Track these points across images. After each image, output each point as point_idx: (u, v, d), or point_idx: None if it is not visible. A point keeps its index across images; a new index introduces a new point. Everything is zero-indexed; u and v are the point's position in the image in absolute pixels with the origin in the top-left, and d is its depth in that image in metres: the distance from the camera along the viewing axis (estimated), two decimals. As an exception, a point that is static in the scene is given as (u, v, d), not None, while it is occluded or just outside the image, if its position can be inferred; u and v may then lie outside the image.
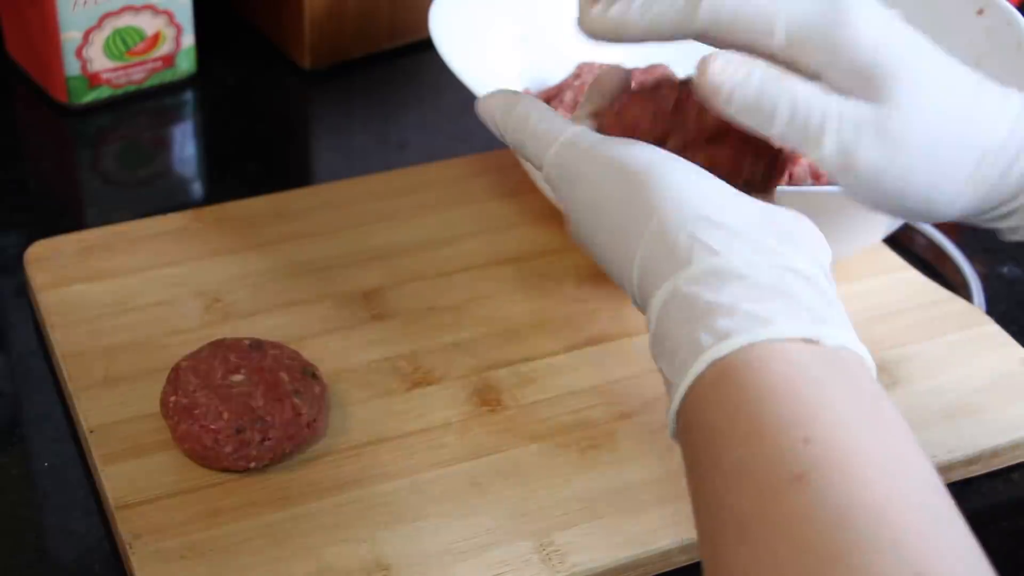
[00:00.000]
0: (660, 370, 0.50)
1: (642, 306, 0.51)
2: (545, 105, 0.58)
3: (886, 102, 0.51)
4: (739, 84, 0.51)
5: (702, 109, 0.55)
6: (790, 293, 0.48)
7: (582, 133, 0.55)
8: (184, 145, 0.98)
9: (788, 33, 0.51)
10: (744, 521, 0.44)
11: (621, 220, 0.52)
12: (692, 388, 0.47)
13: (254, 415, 0.65)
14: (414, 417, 0.70)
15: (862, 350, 0.49)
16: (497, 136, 0.59)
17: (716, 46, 0.52)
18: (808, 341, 0.47)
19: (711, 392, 0.46)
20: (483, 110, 0.59)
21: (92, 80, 0.95)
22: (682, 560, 0.65)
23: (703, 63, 0.51)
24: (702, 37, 0.52)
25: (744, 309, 0.47)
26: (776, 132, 0.51)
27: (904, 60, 0.51)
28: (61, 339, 0.73)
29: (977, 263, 0.85)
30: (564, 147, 0.55)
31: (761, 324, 0.46)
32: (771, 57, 0.51)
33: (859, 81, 0.51)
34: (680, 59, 0.91)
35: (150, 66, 0.97)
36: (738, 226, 0.50)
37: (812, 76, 0.51)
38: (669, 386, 0.49)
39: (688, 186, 0.51)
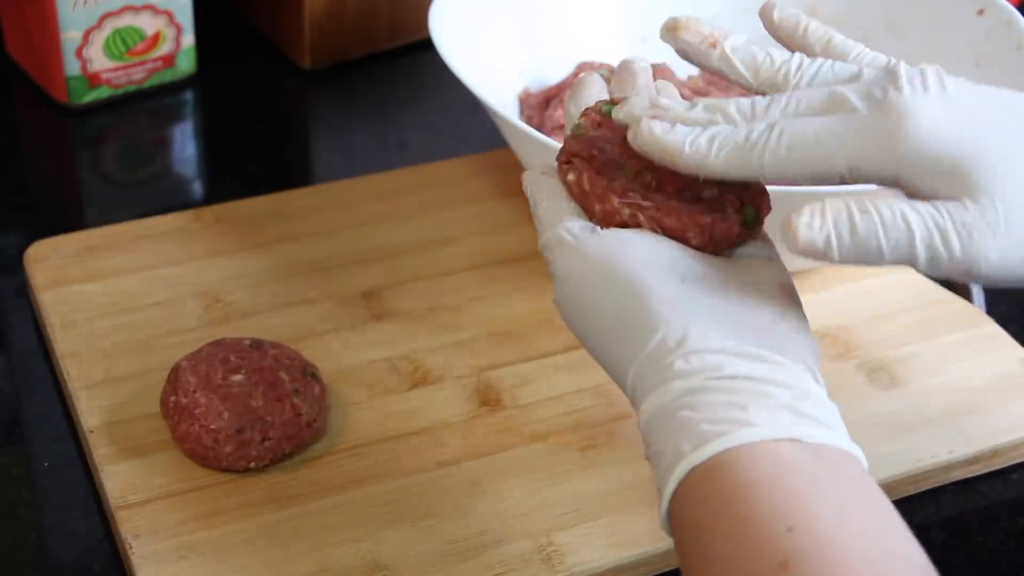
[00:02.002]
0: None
1: (633, 405, 0.52)
2: (557, 185, 0.56)
3: (982, 194, 0.49)
4: (833, 236, 0.49)
5: None
6: (771, 397, 0.48)
7: (571, 228, 0.54)
8: (184, 145, 0.98)
9: (850, 168, 0.49)
10: None
11: (613, 334, 0.52)
12: (679, 489, 0.48)
13: (254, 415, 0.65)
14: (414, 417, 0.70)
15: (852, 447, 0.49)
16: None
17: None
18: (791, 440, 0.47)
19: (697, 492, 0.47)
20: (524, 181, 0.59)
21: (92, 80, 0.95)
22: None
23: (788, 223, 0.49)
24: (766, 181, 0.53)
25: (726, 416, 0.48)
26: (887, 263, 0.50)
27: (981, 145, 0.49)
28: (61, 339, 0.73)
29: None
30: (554, 239, 0.54)
31: (742, 427, 0.47)
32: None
33: (944, 183, 0.49)
34: (680, 59, 0.91)
35: (150, 66, 0.97)
36: (726, 338, 0.50)
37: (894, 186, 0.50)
38: (659, 488, 0.50)
39: (684, 303, 0.51)
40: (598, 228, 0.54)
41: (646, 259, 0.52)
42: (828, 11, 0.92)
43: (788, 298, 0.53)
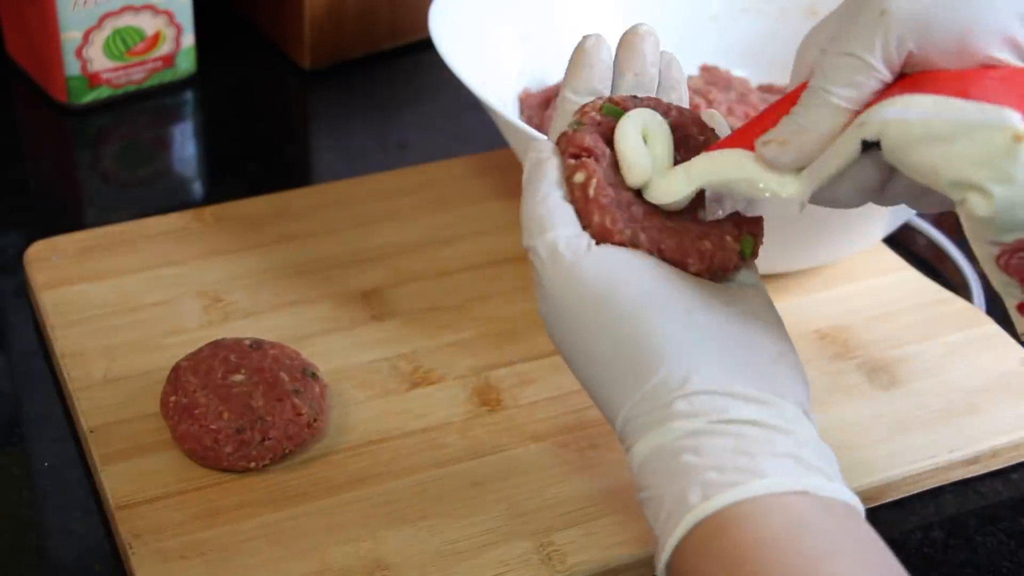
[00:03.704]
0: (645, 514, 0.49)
1: (623, 444, 0.50)
2: (557, 177, 0.53)
3: None
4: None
5: None
6: (775, 444, 0.47)
7: (567, 238, 0.51)
8: (184, 145, 0.98)
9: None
10: None
11: (608, 365, 0.50)
12: (684, 541, 0.46)
13: (254, 415, 0.65)
14: (414, 417, 0.70)
15: (852, 498, 0.48)
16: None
17: None
18: (800, 493, 0.46)
19: (708, 546, 0.46)
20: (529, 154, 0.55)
21: (92, 80, 0.95)
22: (682, 560, 0.65)
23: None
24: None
25: (733, 464, 0.46)
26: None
27: None
28: (61, 339, 0.73)
29: (977, 263, 0.85)
30: (547, 249, 0.51)
31: (754, 478, 0.46)
32: None
33: None
34: (680, 59, 0.91)
35: (150, 66, 0.97)
36: (730, 379, 0.48)
37: None
38: (656, 534, 0.48)
39: (685, 340, 0.49)
40: (592, 243, 0.51)
41: (648, 288, 0.50)
42: (828, 11, 0.92)
43: (781, 329, 0.52)
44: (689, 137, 0.56)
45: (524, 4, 0.88)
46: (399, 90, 1.02)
